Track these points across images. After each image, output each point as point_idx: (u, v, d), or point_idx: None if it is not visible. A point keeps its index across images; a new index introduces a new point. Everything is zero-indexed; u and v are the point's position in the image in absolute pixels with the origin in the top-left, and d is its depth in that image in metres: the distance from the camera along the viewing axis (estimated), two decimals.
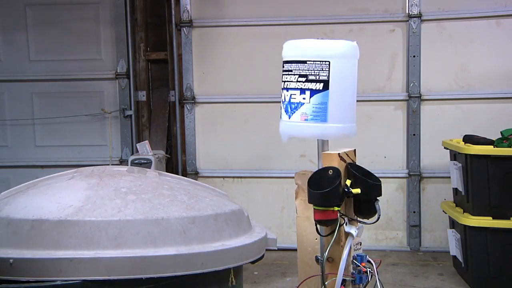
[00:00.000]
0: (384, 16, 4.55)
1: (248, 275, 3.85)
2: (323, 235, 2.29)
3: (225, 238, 2.03)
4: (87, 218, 1.87)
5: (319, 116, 2.25)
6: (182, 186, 2.23)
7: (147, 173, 2.35)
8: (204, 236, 1.97)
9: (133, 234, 1.86)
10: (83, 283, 1.76)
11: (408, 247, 4.61)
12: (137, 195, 2.00)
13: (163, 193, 2.06)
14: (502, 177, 3.51)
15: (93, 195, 1.97)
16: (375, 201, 2.26)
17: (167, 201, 2.01)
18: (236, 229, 2.09)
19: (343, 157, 2.28)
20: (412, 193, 4.57)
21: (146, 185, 2.11)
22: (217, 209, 2.08)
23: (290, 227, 4.59)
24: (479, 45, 4.46)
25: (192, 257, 1.90)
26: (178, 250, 1.88)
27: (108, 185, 2.05)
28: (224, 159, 4.78)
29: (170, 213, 1.95)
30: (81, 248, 1.82)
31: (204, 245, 1.95)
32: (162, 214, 1.93)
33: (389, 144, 4.61)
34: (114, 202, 1.94)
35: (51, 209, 1.90)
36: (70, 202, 1.93)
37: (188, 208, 2.00)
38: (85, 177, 2.15)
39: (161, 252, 1.85)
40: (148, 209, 1.94)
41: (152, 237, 1.88)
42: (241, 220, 2.16)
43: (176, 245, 1.90)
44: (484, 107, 4.47)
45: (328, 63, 2.23)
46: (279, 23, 4.63)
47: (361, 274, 2.26)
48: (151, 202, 1.98)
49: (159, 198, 2.02)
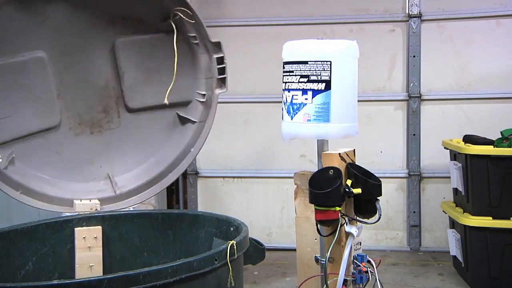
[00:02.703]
0: (384, 16, 4.56)
1: (248, 275, 3.85)
2: (323, 235, 2.29)
3: None
4: None
5: (322, 116, 2.25)
6: None
7: None
8: None
9: None
10: (81, 283, 1.76)
11: (408, 247, 4.61)
12: None
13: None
14: (502, 177, 3.51)
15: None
16: (376, 201, 2.26)
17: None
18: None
19: (343, 157, 2.29)
20: (412, 193, 4.57)
21: None
22: None
23: (290, 227, 4.59)
24: (479, 45, 4.46)
25: None
26: None
27: None
28: (224, 159, 4.78)
29: None
30: None
31: None
32: None
33: (389, 144, 4.61)
34: None
35: None
36: None
37: None
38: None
39: None
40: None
41: None
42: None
43: None
44: (484, 107, 4.47)
45: (329, 63, 2.24)
46: (279, 23, 4.63)
47: (361, 274, 2.26)
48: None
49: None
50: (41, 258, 2.46)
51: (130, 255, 2.67)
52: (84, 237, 2.56)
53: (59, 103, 2.83)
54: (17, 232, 2.41)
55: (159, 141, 3.02)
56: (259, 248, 2.30)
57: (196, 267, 1.90)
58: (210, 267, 1.95)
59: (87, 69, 2.88)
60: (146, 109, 2.97)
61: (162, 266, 1.84)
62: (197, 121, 3.00)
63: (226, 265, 2.01)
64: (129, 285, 1.80)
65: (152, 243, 2.67)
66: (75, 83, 2.86)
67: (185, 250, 2.60)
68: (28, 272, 2.41)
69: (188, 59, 2.96)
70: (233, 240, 2.04)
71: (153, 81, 2.91)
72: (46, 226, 2.51)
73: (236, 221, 2.39)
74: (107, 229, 2.63)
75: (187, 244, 2.61)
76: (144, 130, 3.01)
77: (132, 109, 2.97)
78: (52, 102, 2.81)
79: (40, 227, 2.49)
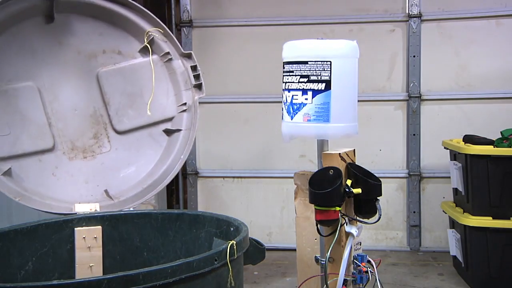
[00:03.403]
0: (384, 16, 4.56)
1: (248, 275, 3.85)
2: (323, 235, 2.29)
3: None
4: None
5: (322, 116, 2.25)
6: None
7: None
8: None
9: None
10: (81, 283, 1.76)
11: (408, 247, 4.61)
12: None
13: None
14: (502, 177, 3.51)
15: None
16: (376, 201, 2.26)
17: None
18: None
19: (343, 157, 2.29)
20: (412, 193, 4.57)
21: None
22: None
23: (290, 227, 4.59)
24: (479, 45, 4.46)
25: None
26: None
27: None
28: (224, 159, 4.78)
29: None
30: None
31: None
32: None
33: (389, 144, 4.61)
34: None
35: None
36: None
37: None
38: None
39: None
40: None
41: None
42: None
43: None
44: (484, 107, 4.47)
45: (329, 63, 2.24)
46: (279, 23, 4.63)
47: (361, 274, 2.26)
48: None
49: None
50: (41, 258, 2.46)
51: (130, 255, 2.67)
52: (84, 237, 2.56)
53: (51, 130, 3.02)
54: (17, 232, 2.41)
55: (150, 155, 3.22)
56: (259, 248, 2.30)
57: (196, 267, 1.90)
58: (210, 267, 1.94)
59: (75, 98, 3.11)
60: (134, 130, 3.20)
61: (162, 266, 1.84)
62: (183, 129, 3.16)
63: (226, 265, 2.01)
64: (128, 285, 1.79)
65: (152, 243, 2.67)
66: (65, 112, 3.09)
67: (185, 250, 2.59)
68: (28, 272, 2.41)
69: (166, 76, 3.23)
70: (233, 240, 2.04)
71: (137, 103, 3.17)
72: (46, 226, 2.51)
73: (236, 221, 2.39)
74: (107, 229, 2.63)
75: (187, 244, 2.60)
76: (135, 148, 3.25)
77: (120, 132, 3.19)
78: (45, 127, 3.02)
79: (40, 227, 2.49)
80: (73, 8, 3.01)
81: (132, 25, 3.11)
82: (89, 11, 3.04)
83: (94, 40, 3.07)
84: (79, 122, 3.10)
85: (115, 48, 3.12)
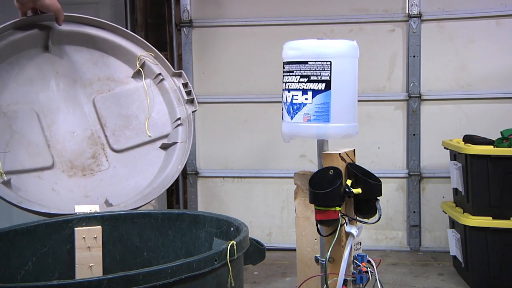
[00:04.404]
0: (384, 16, 4.56)
1: (248, 275, 3.85)
2: (323, 235, 2.29)
3: None
4: None
5: (322, 116, 2.25)
6: None
7: None
8: None
9: None
10: (80, 283, 1.76)
11: (408, 247, 4.61)
12: None
13: None
14: (502, 177, 3.51)
15: None
16: (376, 201, 2.26)
17: None
18: None
19: (343, 157, 2.29)
20: (412, 193, 4.57)
21: None
22: None
23: (290, 227, 4.59)
24: (479, 45, 4.46)
25: None
26: None
27: None
28: (224, 159, 4.78)
29: None
30: None
31: None
32: None
33: (389, 144, 4.61)
34: None
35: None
36: None
37: None
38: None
39: None
40: None
41: None
42: None
43: None
44: (484, 107, 4.47)
45: (329, 63, 2.24)
46: (279, 23, 4.63)
47: (361, 274, 2.26)
48: None
49: None
50: (41, 258, 2.46)
51: (130, 255, 2.66)
52: (84, 237, 2.56)
53: (50, 151, 3.11)
54: (17, 232, 2.41)
55: (148, 170, 3.32)
56: (259, 248, 2.29)
57: (196, 267, 1.90)
58: (210, 267, 1.94)
59: (73, 122, 3.21)
60: (131, 148, 3.29)
61: (162, 266, 1.83)
62: (179, 141, 3.25)
63: (226, 265, 2.00)
64: (128, 285, 1.79)
65: (152, 243, 2.67)
66: (63, 135, 3.17)
67: (185, 250, 2.59)
68: (28, 272, 2.41)
69: (159, 96, 3.34)
70: (233, 240, 2.04)
71: (133, 124, 3.29)
72: (46, 226, 2.51)
73: (236, 221, 2.38)
74: (107, 229, 2.63)
75: (187, 244, 2.60)
76: (133, 165, 3.30)
77: (118, 150, 3.27)
78: (44, 147, 3.10)
79: (40, 227, 2.49)
80: (68, 38, 3.14)
81: (124, 51, 3.24)
82: (83, 41, 3.18)
83: (89, 69, 3.21)
84: (77, 143, 3.20)
85: (109, 76, 3.26)
